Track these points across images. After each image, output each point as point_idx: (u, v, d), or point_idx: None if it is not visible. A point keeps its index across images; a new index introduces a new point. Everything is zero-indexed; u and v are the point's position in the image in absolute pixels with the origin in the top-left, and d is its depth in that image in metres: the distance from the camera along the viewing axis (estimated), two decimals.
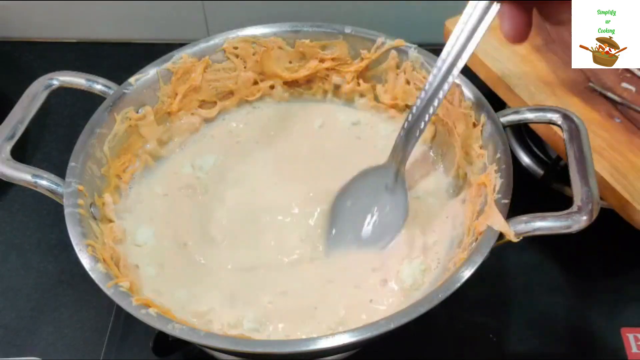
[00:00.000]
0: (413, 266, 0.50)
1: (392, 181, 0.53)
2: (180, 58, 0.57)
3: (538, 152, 0.65)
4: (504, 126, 0.50)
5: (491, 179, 0.47)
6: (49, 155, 0.69)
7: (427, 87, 0.49)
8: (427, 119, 0.50)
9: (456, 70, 0.47)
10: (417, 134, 0.51)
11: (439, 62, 0.48)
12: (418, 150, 0.59)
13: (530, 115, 0.51)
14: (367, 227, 0.53)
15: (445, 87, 0.48)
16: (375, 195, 0.54)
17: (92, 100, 0.54)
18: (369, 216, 0.54)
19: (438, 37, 0.62)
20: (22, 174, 0.47)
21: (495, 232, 0.43)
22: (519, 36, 0.43)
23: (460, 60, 0.47)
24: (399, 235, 0.52)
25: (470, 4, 0.45)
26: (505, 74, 0.60)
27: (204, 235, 0.54)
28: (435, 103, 0.49)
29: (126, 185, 0.55)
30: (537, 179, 0.64)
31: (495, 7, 0.44)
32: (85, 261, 0.43)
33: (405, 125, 0.51)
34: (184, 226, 0.54)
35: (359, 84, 0.60)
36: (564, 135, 0.47)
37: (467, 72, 0.53)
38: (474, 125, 0.51)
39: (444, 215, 0.53)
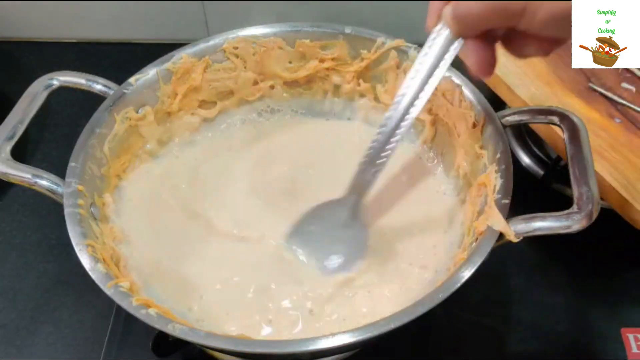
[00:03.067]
0: None
1: (349, 217, 0.51)
2: (180, 58, 0.57)
3: (538, 152, 0.65)
4: (504, 126, 0.50)
5: (491, 179, 0.47)
6: (49, 155, 0.69)
7: (385, 121, 0.47)
8: (387, 153, 0.47)
9: (415, 109, 0.45)
10: (375, 169, 0.48)
11: (398, 97, 0.46)
12: (417, 150, 0.59)
13: (530, 115, 0.51)
14: (327, 261, 0.51)
15: (404, 123, 0.46)
16: (332, 232, 0.52)
17: (92, 100, 0.54)
18: (328, 253, 0.51)
19: None
20: (22, 174, 0.47)
21: (495, 232, 0.43)
22: (485, 70, 0.41)
23: (422, 94, 0.45)
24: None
25: (429, 39, 0.43)
26: (505, 74, 0.60)
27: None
28: (395, 138, 0.47)
29: (126, 185, 0.55)
30: (537, 179, 0.64)
31: (458, 43, 0.42)
32: (85, 261, 0.43)
33: (363, 160, 0.49)
34: (181, 225, 0.54)
35: (359, 84, 0.61)
36: (564, 135, 0.47)
37: (467, 72, 0.53)
38: (474, 125, 0.51)
39: None
